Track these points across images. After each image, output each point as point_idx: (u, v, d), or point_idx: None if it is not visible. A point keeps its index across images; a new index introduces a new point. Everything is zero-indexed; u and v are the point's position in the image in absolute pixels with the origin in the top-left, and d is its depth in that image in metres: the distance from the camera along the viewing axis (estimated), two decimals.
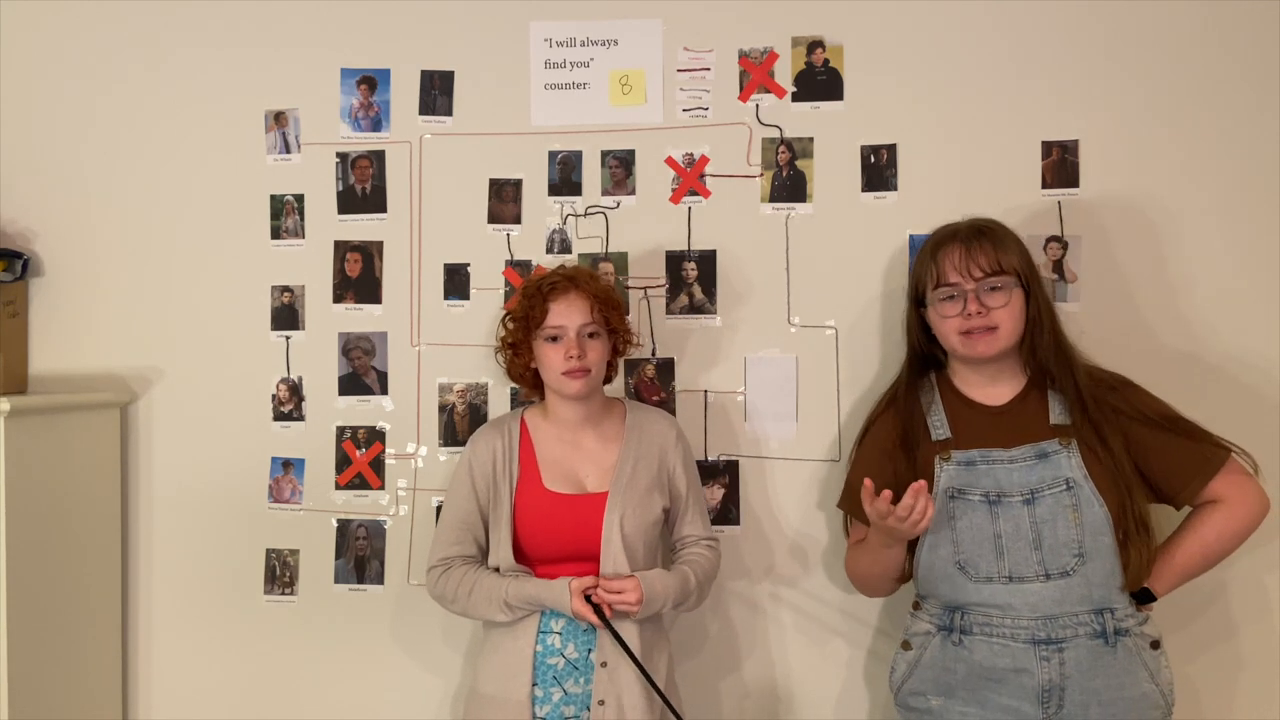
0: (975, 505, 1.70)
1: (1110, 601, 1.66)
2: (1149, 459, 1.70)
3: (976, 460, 1.72)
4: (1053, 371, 1.73)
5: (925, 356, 1.84)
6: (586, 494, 1.80)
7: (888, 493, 1.59)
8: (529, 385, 1.91)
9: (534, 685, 1.74)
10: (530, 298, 1.83)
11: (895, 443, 1.79)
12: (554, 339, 1.80)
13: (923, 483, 1.59)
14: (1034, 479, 1.69)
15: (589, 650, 1.75)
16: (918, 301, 1.80)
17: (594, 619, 1.69)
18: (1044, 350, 1.72)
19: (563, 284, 1.81)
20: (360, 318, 2.14)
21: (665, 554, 1.93)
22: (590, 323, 1.80)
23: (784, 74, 2.09)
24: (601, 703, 1.70)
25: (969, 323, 1.70)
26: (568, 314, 1.79)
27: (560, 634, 1.76)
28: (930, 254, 1.76)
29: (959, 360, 1.79)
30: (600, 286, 1.85)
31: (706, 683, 2.08)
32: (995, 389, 1.77)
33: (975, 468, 1.72)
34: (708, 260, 2.10)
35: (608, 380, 1.93)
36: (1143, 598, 1.70)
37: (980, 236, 1.72)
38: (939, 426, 1.77)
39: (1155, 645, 1.69)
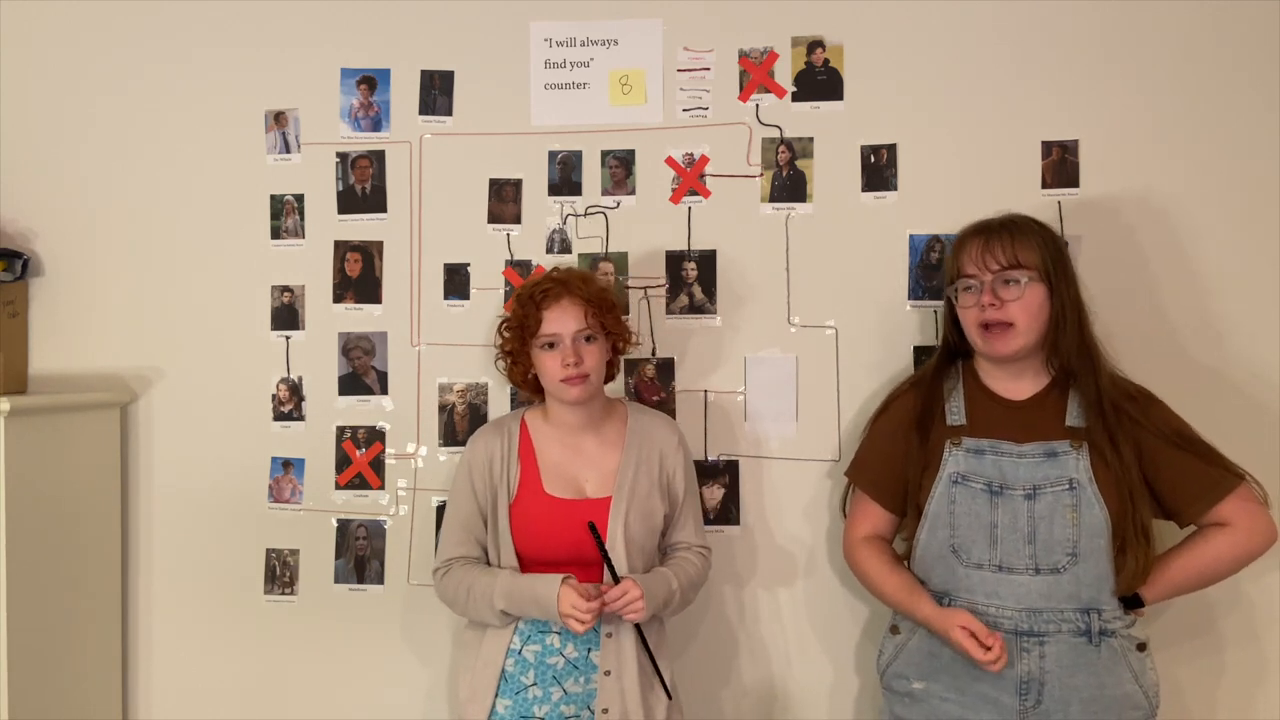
0: (977, 493, 1.71)
1: (1098, 603, 1.67)
2: (1159, 474, 1.69)
3: (986, 450, 1.73)
4: (1075, 370, 1.72)
5: (956, 349, 1.84)
6: (586, 499, 1.79)
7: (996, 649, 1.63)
8: (531, 389, 1.90)
9: (496, 698, 1.76)
10: (524, 306, 1.81)
11: (911, 422, 1.80)
12: (550, 346, 1.78)
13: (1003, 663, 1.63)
14: (1039, 476, 1.69)
15: (589, 650, 1.75)
16: (950, 295, 1.80)
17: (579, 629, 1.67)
18: (1067, 348, 1.71)
19: (555, 290, 1.79)
20: (360, 318, 2.14)
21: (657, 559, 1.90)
22: (585, 328, 1.78)
23: (784, 74, 2.09)
24: (606, 710, 1.71)
25: (984, 315, 1.70)
26: (561, 321, 1.77)
27: (559, 634, 1.76)
28: (955, 248, 1.78)
29: (982, 355, 1.79)
30: (593, 290, 1.82)
31: (705, 682, 2.08)
32: (1017, 384, 1.77)
33: (983, 457, 1.73)
34: (708, 260, 2.09)
35: (609, 380, 1.92)
36: (1131, 603, 1.70)
37: (1001, 230, 1.73)
38: (955, 412, 1.78)
39: (1141, 648, 1.69)
